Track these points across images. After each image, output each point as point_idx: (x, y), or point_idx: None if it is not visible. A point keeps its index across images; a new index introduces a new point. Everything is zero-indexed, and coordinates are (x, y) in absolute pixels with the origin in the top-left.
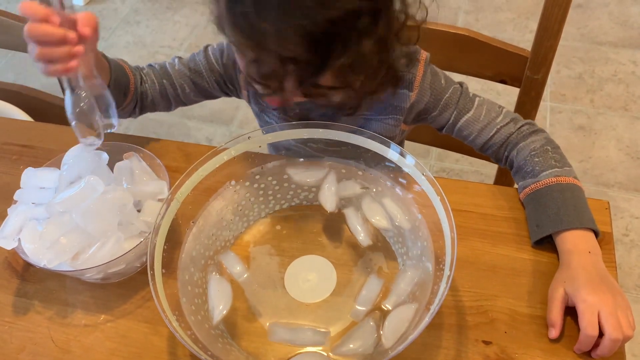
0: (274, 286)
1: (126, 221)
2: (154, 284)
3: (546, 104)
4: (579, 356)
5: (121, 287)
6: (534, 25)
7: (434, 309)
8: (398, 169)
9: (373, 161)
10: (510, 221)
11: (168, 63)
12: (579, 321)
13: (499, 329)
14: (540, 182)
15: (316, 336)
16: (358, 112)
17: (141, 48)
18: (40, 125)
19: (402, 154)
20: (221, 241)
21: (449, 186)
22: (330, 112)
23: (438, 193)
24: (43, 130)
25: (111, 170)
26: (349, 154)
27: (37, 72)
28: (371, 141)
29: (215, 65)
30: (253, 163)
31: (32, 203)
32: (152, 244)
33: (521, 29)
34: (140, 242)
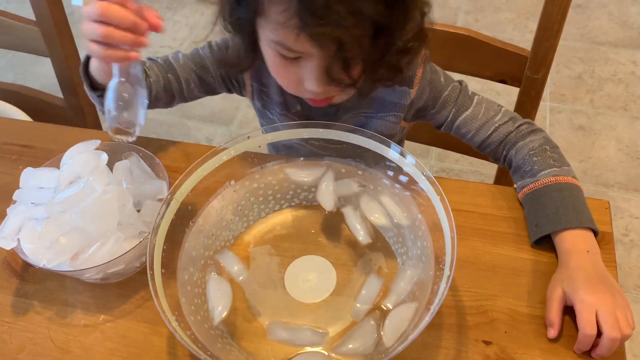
0: (274, 286)
1: (126, 221)
2: (153, 284)
3: (546, 104)
4: (578, 356)
5: (121, 287)
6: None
7: (434, 308)
8: (398, 168)
9: (373, 161)
10: (510, 221)
11: (171, 57)
12: (577, 321)
13: (499, 328)
14: (538, 182)
15: (315, 336)
16: (358, 110)
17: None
18: (40, 125)
19: (402, 154)
20: (221, 241)
21: (448, 186)
22: (332, 110)
23: (438, 193)
24: (42, 130)
25: (110, 170)
26: (349, 151)
27: (36, 72)
28: (371, 141)
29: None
30: (253, 163)
31: (32, 203)
32: (151, 244)
33: (521, 29)
34: (139, 242)
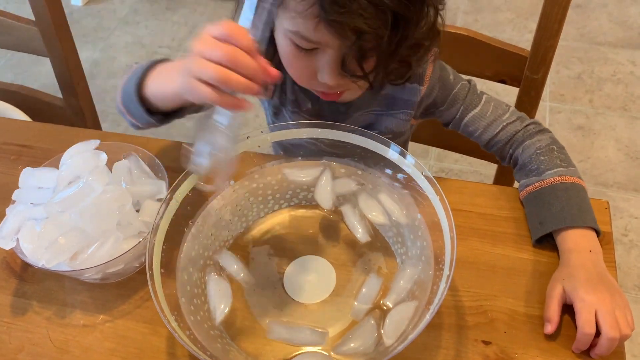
0: (274, 286)
1: (125, 221)
2: (152, 284)
3: (545, 104)
4: (577, 356)
5: (120, 287)
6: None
7: (433, 308)
8: (398, 168)
9: (372, 161)
10: (510, 221)
11: None
12: (576, 320)
13: (498, 328)
14: (545, 181)
15: (314, 336)
16: (368, 108)
17: (140, 48)
18: (39, 125)
19: (402, 154)
20: (220, 241)
21: (448, 186)
22: (343, 109)
23: (437, 193)
24: (41, 130)
25: (110, 170)
26: (349, 151)
27: (35, 72)
28: (371, 141)
29: None
30: (252, 163)
31: (31, 203)
32: (150, 244)
33: (520, 29)
34: (139, 242)
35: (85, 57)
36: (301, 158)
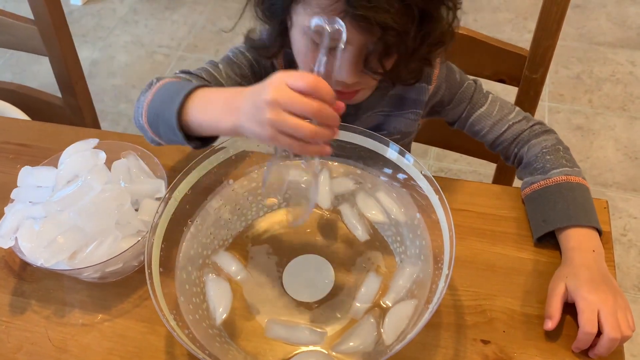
0: (273, 285)
1: (124, 220)
2: (151, 283)
3: (544, 104)
4: (576, 355)
5: (119, 286)
6: (532, 25)
7: (432, 307)
8: (397, 167)
9: (371, 160)
10: (510, 220)
11: (214, 72)
12: (578, 318)
13: (497, 328)
14: (550, 180)
15: (313, 336)
16: (377, 109)
17: (139, 48)
18: (38, 125)
19: (401, 153)
20: (219, 240)
21: (447, 185)
22: (352, 110)
23: (437, 192)
24: (40, 129)
25: (108, 169)
26: (349, 151)
27: (34, 71)
28: (370, 140)
29: (255, 64)
30: (251, 162)
31: (29, 202)
32: (149, 243)
33: (519, 29)
34: (137, 241)
35: (85, 56)
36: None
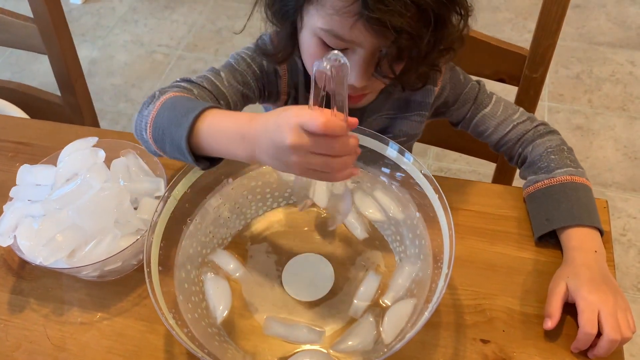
0: (272, 284)
1: (123, 218)
2: (150, 281)
3: (544, 103)
4: (575, 355)
5: (118, 285)
6: (532, 25)
7: (432, 306)
8: (396, 166)
9: (371, 159)
10: (509, 220)
11: (215, 80)
12: (578, 318)
13: (497, 327)
14: (554, 179)
15: (311, 334)
16: (383, 112)
17: (139, 47)
18: (37, 123)
19: (401, 152)
20: (218, 239)
21: (447, 184)
22: (357, 114)
23: (436, 191)
24: (39, 127)
25: (108, 167)
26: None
27: (33, 69)
28: (369, 139)
29: (258, 71)
30: None
31: (28, 200)
32: (148, 242)
33: (519, 29)
34: (136, 239)
35: (84, 55)
36: None
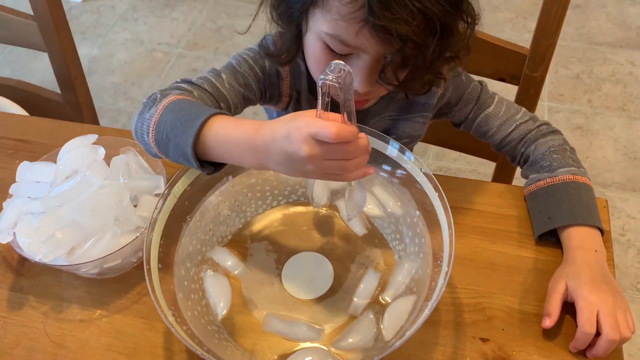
0: (272, 282)
1: (122, 216)
2: (150, 279)
3: (544, 103)
4: (574, 355)
5: (117, 282)
6: (532, 25)
7: (432, 304)
8: (396, 165)
9: (371, 157)
10: (509, 219)
11: (216, 82)
12: (577, 318)
13: (496, 326)
14: (557, 178)
15: (310, 332)
16: (385, 113)
17: (139, 45)
18: (37, 120)
19: (401, 150)
20: (218, 237)
21: (447, 183)
22: (360, 116)
23: (436, 189)
24: (39, 125)
25: (107, 164)
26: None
27: (33, 67)
28: (370, 137)
29: (260, 73)
30: None
31: (28, 197)
32: (148, 239)
33: (519, 29)
34: (136, 237)
35: (84, 53)
36: None
